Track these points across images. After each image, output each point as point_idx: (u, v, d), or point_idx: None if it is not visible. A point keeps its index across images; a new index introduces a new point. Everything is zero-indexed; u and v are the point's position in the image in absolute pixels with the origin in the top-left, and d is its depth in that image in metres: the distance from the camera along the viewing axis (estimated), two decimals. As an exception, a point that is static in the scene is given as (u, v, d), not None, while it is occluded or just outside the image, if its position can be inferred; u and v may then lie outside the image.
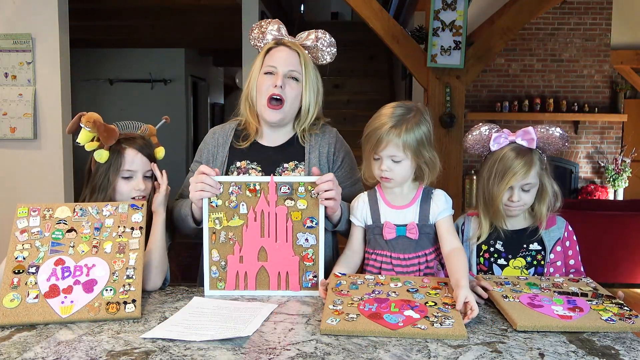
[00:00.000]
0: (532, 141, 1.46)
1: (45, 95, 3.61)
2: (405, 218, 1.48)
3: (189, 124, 7.53)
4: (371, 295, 1.29)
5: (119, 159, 1.52)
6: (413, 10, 5.80)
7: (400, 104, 1.47)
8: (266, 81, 1.53)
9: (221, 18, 5.10)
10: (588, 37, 6.15)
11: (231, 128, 1.65)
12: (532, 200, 1.49)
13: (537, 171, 1.46)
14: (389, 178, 1.44)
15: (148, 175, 1.56)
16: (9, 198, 3.62)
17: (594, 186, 6.13)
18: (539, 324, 1.17)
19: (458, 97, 3.73)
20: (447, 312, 1.21)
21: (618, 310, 1.25)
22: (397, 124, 1.40)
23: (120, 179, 1.53)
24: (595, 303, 1.29)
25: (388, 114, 1.43)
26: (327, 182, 1.40)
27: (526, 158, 1.44)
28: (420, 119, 1.43)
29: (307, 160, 1.58)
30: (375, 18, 3.69)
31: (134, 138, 1.58)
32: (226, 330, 1.15)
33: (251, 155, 1.59)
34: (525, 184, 1.45)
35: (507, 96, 6.21)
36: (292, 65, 1.54)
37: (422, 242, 1.46)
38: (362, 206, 1.52)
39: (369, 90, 7.12)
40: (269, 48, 1.57)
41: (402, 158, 1.42)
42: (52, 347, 1.07)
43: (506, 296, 1.31)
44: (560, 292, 1.34)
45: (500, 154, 1.47)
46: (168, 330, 1.16)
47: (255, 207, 1.44)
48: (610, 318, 1.20)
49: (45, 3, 3.55)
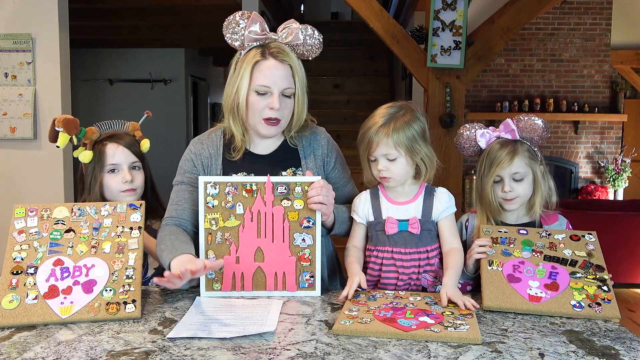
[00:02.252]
0: (513, 132, 1.52)
1: (45, 95, 3.61)
2: (407, 213, 1.48)
3: (189, 124, 7.53)
4: (388, 305, 1.30)
5: (101, 156, 1.56)
6: (413, 10, 5.79)
7: (391, 104, 1.49)
8: (261, 102, 1.45)
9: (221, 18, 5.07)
10: (588, 37, 6.15)
11: (219, 137, 1.57)
12: (528, 192, 1.50)
13: (525, 161, 1.49)
14: (388, 177, 1.45)
15: (135, 166, 1.59)
16: (9, 198, 3.62)
17: (594, 186, 6.13)
18: (505, 305, 1.28)
19: (458, 97, 3.73)
20: (463, 319, 1.20)
21: (595, 290, 1.30)
22: (386, 123, 1.43)
23: (107, 175, 1.55)
24: (578, 276, 1.34)
25: (379, 114, 1.46)
26: (315, 188, 1.41)
27: (510, 147, 1.49)
28: (411, 117, 1.44)
29: (303, 166, 1.56)
30: (375, 18, 3.69)
31: (115, 135, 1.62)
32: (248, 326, 1.17)
33: (246, 166, 1.54)
34: (514, 173, 1.48)
35: (507, 96, 6.21)
36: (286, 82, 1.45)
37: (423, 239, 1.47)
38: (364, 203, 1.53)
39: (369, 90, 7.11)
40: (256, 61, 1.45)
41: (395, 156, 1.43)
42: (52, 347, 1.07)
43: (492, 262, 1.38)
44: (550, 258, 1.38)
45: (488, 149, 1.54)
46: (189, 329, 1.16)
47: (252, 207, 1.43)
48: (579, 303, 1.27)
49: (45, 3, 3.55)
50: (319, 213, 1.43)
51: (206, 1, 4.88)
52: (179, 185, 1.55)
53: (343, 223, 1.55)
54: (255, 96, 1.46)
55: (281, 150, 1.58)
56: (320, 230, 1.44)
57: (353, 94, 6.99)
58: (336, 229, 1.54)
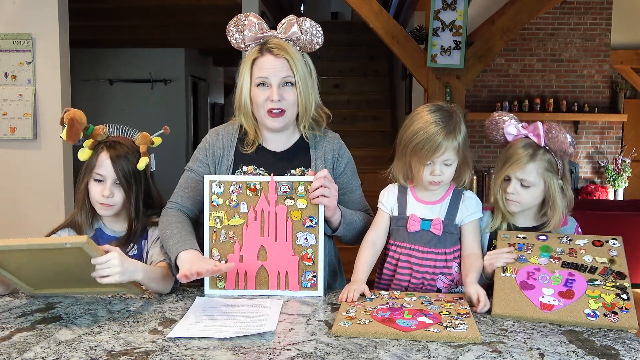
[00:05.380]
0: (539, 137, 1.46)
1: (45, 95, 3.60)
2: (432, 213, 1.48)
3: (189, 124, 7.52)
4: (385, 306, 1.30)
5: (93, 160, 1.53)
6: (413, 10, 5.79)
7: (433, 107, 1.46)
8: (262, 94, 1.49)
9: (221, 18, 5.07)
10: (588, 37, 6.14)
11: (235, 130, 1.61)
12: (532, 201, 1.47)
13: (539, 171, 1.43)
14: (440, 182, 1.45)
15: (119, 183, 1.52)
16: (9, 198, 3.62)
17: (594, 186, 6.13)
18: (515, 313, 1.24)
19: (458, 97, 3.73)
20: (461, 319, 1.20)
21: (612, 298, 1.24)
22: (451, 129, 1.41)
23: (92, 181, 1.53)
24: (596, 283, 1.27)
25: (433, 120, 1.42)
26: (318, 179, 1.42)
27: (530, 151, 1.45)
28: (461, 119, 1.46)
29: (313, 166, 1.57)
30: (375, 18, 3.69)
31: (118, 143, 1.55)
32: (248, 326, 1.17)
33: (258, 160, 1.56)
34: (522, 179, 1.44)
35: (507, 96, 6.20)
36: (284, 71, 1.48)
37: (443, 241, 1.47)
38: (391, 196, 1.53)
39: (368, 90, 7.10)
40: (254, 58, 1.50)
41: (453, 160, 1.44)
42: (52, 347, 1.07)
43: (506, 269, 1.34)
44: (568, 265, 1.32)
45: (510, 144, 1.50)
46: (189, 329, 1.16)
47: (256, 206, 1.44)
48: (594, 312, 1.21)
49: (45, 3, 3.55)
50: (322, 210, 1.44)
51: (206, 1, 4.87)
52: (188, 172, 1.60)
53: (350, 226, 1.54)
54: (256, 90, 1.51)
55: (294, 149, 1.60)
56: (322, 229, 1.45)
57: (353, 94, 6.98)
58: (342, 229, 1.53)
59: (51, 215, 3.54)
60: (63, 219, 1.66)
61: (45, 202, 3.60)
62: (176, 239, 1.42)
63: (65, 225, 1.58)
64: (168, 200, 1.58)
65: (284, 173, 1.54)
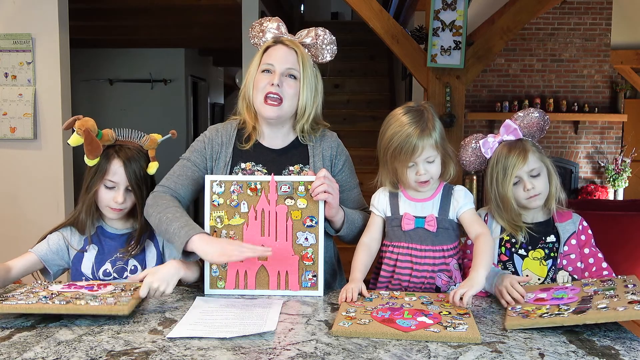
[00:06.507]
0: (515, 131, 1.51)
1: (45, 95, 3.60)
2: (425, 211, 1.49)
3: (189, 124, 7.52)
4: (385, 306, 1.30)
5: (104, 166, 1.52)
6: (413, 10, 5.79)
7: (403, 109, 1.48)
8: (263, 79, 1.52)
9: (221, 18, 5.09)
10: (588, 37, 6.14)
11: (233, 128, 1.62)
12: (547, 186, 1.51)
13: (537, 155, 1.50)
14: (427, 181, 1.46)
15: (130, 189, 1.53)
16: (8, 198, 3.62)
17: (594, 186, 6.13)
18: (529, 322, 1.18)
19: (458, 97, 3.73)
20: (461, 319, 1.20)
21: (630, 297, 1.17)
22: (424, 127, 1.42)
23: (103, 187, 1.52)
24: (609, 294, 1.21)
25: (405, 122, 1.43)
26: (319, 178, 1.43)
27: (519, 147, 1.49)
28: (434, 115, 1.47)
29: (311, 163, 1.58)
30: (375, 18, 3.69)
31: (127, 148, 1.55)
32: (248, 326, 1.17)
33: (256, 156, 1.57)
34: (531, 170, 1.48)
35: (507, 96, 6.20)
36: (290, 63, 1.52)
37: (440, 237, 1.47)
38: (382, 198, 1.54)
39: (369, 90, 7.11)
40: (267, 47, 1.56)
41: (435, 156, 1.45)
42: (52, 347, 1.07)
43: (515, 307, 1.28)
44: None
45: (494, 156, 1.53)
46: (189, 329, 1.16)
47: (256, 205, 1.44)
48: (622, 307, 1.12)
49: (45, 3, 3.55)
50: (322, 210, 1.44)
51: (206, 1, 4.87)
52: (184, 161, 1.59)
53: (352, 225, 1.55)
54: (260, 75, 1.53)
55: (291, 147, 1.60)
56: (322, 228, 1.45)
57: (353, 94, 6.98)
58: (345, 229, 1.53)
59: (51, 214, 3.54)
60: (63, 218, 1.66)
61: (45, 202, 3.61)
62: (182, 222, 1.40)
63: (67, 224, 1.59)
64: (158, 184, 1.55)
65: (282, 169, 1.56)
